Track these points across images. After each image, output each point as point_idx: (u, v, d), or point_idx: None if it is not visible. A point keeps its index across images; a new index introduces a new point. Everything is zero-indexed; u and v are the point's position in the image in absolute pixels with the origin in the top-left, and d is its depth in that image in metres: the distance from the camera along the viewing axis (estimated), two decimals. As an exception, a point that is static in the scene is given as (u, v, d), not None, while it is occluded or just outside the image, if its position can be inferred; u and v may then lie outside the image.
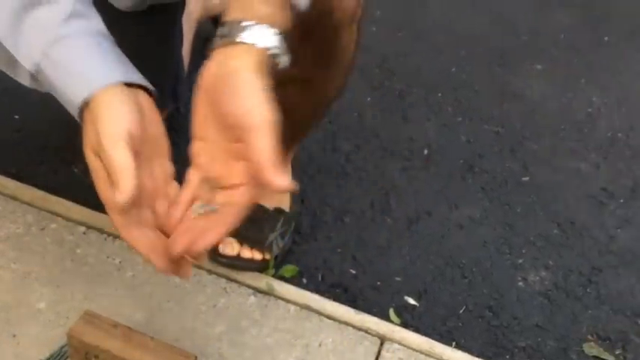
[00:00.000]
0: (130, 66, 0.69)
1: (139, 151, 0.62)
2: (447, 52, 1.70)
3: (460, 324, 1.00)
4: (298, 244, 1.09)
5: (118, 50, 0.69)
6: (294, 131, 1.02)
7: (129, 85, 0.66)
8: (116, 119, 0.62)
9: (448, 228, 1.17)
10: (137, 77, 0.67)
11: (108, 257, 0.97)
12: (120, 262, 0.97)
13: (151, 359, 0.75)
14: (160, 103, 1.20)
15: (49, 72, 0.67)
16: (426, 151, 1.35)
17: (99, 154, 0.62)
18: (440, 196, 1.24)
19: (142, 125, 0.64)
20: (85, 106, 0.64)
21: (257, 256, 1.00)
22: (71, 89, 0.65)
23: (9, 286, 0.89)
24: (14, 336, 0.83)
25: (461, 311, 1.02)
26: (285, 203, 1.07)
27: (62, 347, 0.82)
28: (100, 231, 1.00)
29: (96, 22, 0.70)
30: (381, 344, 0.92)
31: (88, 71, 0.65)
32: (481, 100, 1.53)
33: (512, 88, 1.58)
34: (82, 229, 1.00)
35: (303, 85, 0.90)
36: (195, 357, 0.77)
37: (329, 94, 0.96)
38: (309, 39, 0.82)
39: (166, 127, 1.26)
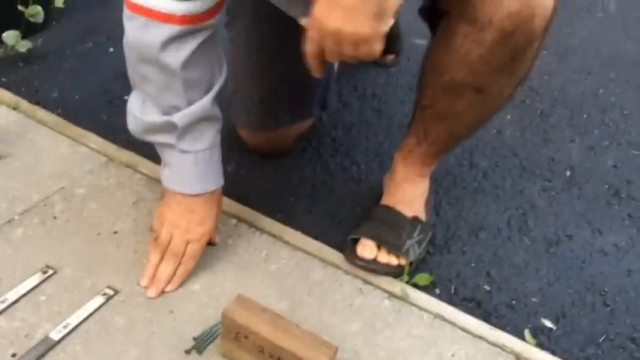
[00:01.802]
0: (215, 175, 1.00)
1: None
2: (594, 73, 1.65)
3: (600, 352, 0.96)
4: (432, 254, 1.10)
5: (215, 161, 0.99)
6: (450, 141, 1.04)
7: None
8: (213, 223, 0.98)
9: (590, 253, 1.13)
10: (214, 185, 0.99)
11: (255, 249, 1.04)
12: (266, 254, 1.03)
13: (296, 345, 0.80)
14: (309, 111, 1.27)
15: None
16: (568, 173, 1.31)
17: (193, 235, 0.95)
18: (582, 220, 1.20)
19: None
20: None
21: (393, 261, 1.02)
22: (169, 175, 0.97)
23: (169, 267, 0.98)
24: (171, 312, 0.91)
25: (601, 340, 0.98)
26: (421, 213, 1.09)
27: (214, 326, 0.89)
28: (249, 224, 1.08)
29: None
30: (516, 362, 0.91)
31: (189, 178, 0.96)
32: (630, 124, 1.46)
33: (666, 114, 1.50)
34: (234, 221, 1.08)
35: (475, 93, 0.92)
36: (337, 349, 0.81)
37: (498, 104, 0.97)
38: (506, 44, 0.85)
39: (310, 134, 1.33)
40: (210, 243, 1.01)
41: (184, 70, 0.88)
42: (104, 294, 0.92)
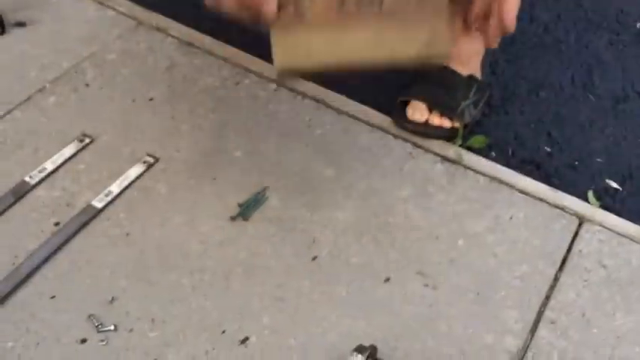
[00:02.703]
0: None
1: None
2: None
3: (670, 213, 0.90)
4: (488, 116, 1.02)
5: None
6: None
7: None
8: None
9: (663, 109, 1.04)
10: None
11: (298, 114, 0.97)
12: (309, 119, 0.97)
13: None
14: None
15: None
16: (638, 26, 1.19)
17: None
18: (654, 74, 1.09)
19: None
20: None
21: (446, 123, 0.95)
22: None
23: (209, 134, 0.94)
24: (214, 179, 0.88)
25: (672, 200, 0.91)
26: (477, 70, 1.00)
27: (258, 193, 0.86)
28: (290, 89, 1.01)
29: None
30: (580, 224, 0.86)
31: None
32: None
33: None
34: (274, 86, 1.01)
35: None
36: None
37: None
38: None
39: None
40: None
41: None
42: (144, 161, 0.88)
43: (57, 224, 0.80)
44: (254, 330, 0.73)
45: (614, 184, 0.93)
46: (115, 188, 0.85)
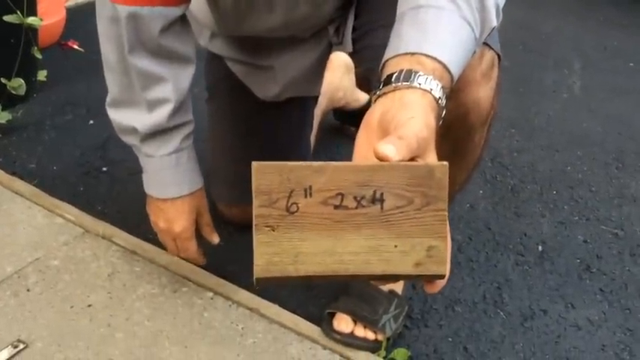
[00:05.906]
0: (195, 174, 1.02)
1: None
2: (562, 150, 1.71)
3: None
4: (409, 328, 1.10)
5: (191, 161, 1.01)
6: None
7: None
8: (184, 223, 1.01)
9: (564, 328, 1.14)
10: (197, 183, 1.02)
11: (232, 323, 1.02)
12: (242, 328, 1.02)
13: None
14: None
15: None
16: (540, 248, 1.34)
17: (172, 234, 1.02)
18: (555, 294, 1.22)
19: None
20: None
21: (370, 335, 1.02)
22: (152, 183, 1.01)
23: (142, 342, 0.96)
24: (145, 389, 0.89)
25: (578, 416, 0.98)
26: (398, 286, 1.10)
27: (188, 404, 0.87)
28: (226, 298, 1.07)
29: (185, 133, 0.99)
30: None
31: (166, 183, 0.99)
32: (598, 200, 1.51)
33: (632, 192, 1.55)
34: (210, 294, 1.07)
35: None
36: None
37: (453, 188, 0.99)
38: (445, 137, 0.87)
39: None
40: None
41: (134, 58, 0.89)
42: (75, 370, 0.89)
43: None
44: None
45: (526, 399, 1.00)
46: (42, 397, 0.85)
